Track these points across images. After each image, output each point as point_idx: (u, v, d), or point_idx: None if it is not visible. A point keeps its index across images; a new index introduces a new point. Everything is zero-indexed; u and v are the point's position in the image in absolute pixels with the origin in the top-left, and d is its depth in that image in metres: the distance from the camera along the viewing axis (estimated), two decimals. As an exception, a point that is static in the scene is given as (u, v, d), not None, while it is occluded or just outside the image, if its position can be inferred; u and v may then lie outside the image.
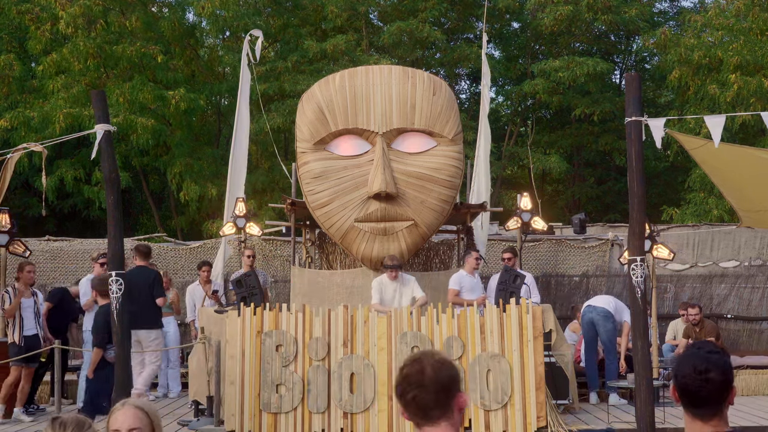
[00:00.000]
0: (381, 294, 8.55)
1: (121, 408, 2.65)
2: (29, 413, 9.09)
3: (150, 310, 9.18)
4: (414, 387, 2.26)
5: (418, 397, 2.26)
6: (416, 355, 2.34)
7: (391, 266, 8.49)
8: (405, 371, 2.30)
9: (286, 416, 7.58)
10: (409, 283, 8.65)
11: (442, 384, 2.27)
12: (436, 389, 2.26)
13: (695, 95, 17.83)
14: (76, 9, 16.74)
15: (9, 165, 8.23)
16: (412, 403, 2.28)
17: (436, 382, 2.26)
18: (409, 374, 2.28)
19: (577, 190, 23.21)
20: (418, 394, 2.26)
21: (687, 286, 12.96)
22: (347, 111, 9.03)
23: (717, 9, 18.52)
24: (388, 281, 8.60)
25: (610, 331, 9.59)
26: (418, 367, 2.28)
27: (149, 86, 17.06)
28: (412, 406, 2.29)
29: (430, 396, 2.26)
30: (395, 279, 8.58)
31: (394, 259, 8.60)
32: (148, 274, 9.31)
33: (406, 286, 8.61)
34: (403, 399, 2.29)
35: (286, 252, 12.91)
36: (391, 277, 8.55)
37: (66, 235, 15.70)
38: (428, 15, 20.01)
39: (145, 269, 9.41)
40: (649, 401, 6.85)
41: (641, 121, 7.00)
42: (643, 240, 7.25)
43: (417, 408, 2.28)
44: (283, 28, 20.23)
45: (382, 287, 8.60)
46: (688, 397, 2.35)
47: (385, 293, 8.57)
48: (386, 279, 8.60)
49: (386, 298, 8.55)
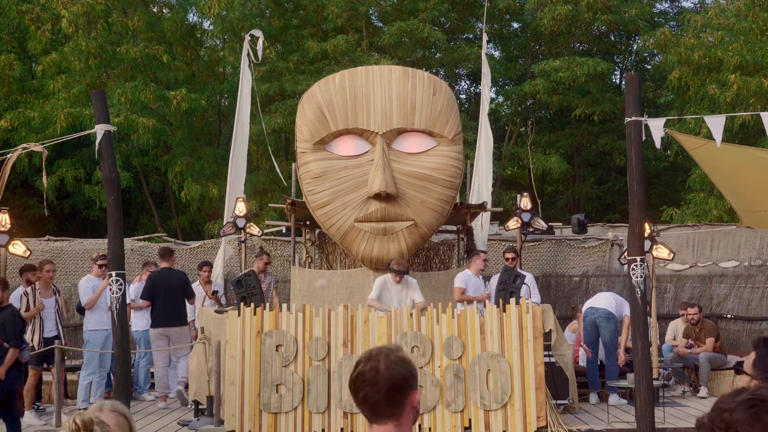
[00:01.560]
0: (381, 293, 8.51)
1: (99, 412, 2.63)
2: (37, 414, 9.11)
3: (181, 308, 9.86)
4: (366, 385, 2.24)
5: (369, 395, 2.24)
6: (372, 352, 2.30)
7: (397, 271, 8.43)
8: (359, 368, 2.27)
9: (286, 416, 7.59)
10: (411, 287, 8.62)
11: (394, 383, 2.24)
12: (388, 388, 2.23)
13: (695, 95, 17.83)
14: (78, 8, 16.75)
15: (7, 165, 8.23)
16: (363, 402, 2.26)
17: (388, 381, 2.23)
18: (363, 372, 2.26)
19: (577, 190, 23.20)
20: (369, 392, 2.24)
21: (687, 286, 12.96)
22: (347, 111, 9.03)
23: (717, 9, 18.51)
24: (391, 283, 8.55)
25: (612, 332, 9.59)
26: (373, 364, 2.25)
27: (151, 86, 17.07)
28: (363, 404, 2.27)
29: (381, 395, 2.23)
30: (399, 282, 8.55)
31: (402, 264, 8.52)
32: (179, 276, 9.95)
33: (408, 290, 8.58)
34: (356, 396, 2.28)
35: (286, 252, 12.91)
36: (395, 280, 8.51)
37: (66, 235, 15.70)
38: (428, 15, 20.01)
39: (173, 270, 10.03)
40: (649, 401, 6.86)
41: (641, 121, 7.01)
42: (643, 240, 7.26)
43: (368, 406, 2.26)
44: (284, 29, 20.24)
45: (384, 287, 8.54)
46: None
47: (387, 294, 8.54)
48: (390, 280, 8.55)
49: (386, 300, 8.52)
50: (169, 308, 9.69)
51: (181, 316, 9.86)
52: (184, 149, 17.95)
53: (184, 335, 9.87)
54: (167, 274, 9.91)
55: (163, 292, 9.73)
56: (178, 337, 9.78)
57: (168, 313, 9.68)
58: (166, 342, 9.76)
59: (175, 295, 9.77)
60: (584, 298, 11.67)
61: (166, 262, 10.04)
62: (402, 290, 8.54)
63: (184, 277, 10.05)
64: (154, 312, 9.81)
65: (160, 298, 9.73)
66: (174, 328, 9.74)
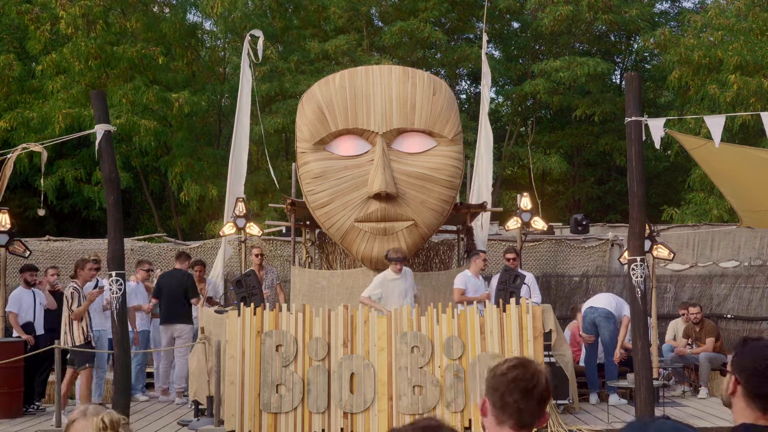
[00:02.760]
0: (381, 289, 8.43)
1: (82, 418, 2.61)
2: (29, 413, 9.10)
3: (181, 307, 10.10)
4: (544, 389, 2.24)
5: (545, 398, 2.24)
6: (524, 360, 2.29)
7: (395, 259, 8.34)
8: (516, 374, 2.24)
9: (286, 416, 7.59)
10: (410, 277, 8.56)
11: (545, 397, 2.26)
12: (540, 400, 2.24)
13: (695, 95, 17.83)
14: (76, 9, 16.74)
15: (8, 165, 8.23)
16: (540, 406, 2.24)
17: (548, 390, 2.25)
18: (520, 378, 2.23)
19: (577, 190, 23.20)
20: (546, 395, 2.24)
21: (687, 286, 12.96)
22: (347, 111, 9.03)
23: (717, 9, 18.52)
24: (392, 277, 8.41)
25: (611, 331, 9.59)
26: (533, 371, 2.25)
27: (153, 88, 17.08)
28: (539, 408, 2.24)
29: (534, 404, 2.23)
30: (400, 272, 8.42)
31: (399, 251, 8.44)
32: (181, 277, 10.19)
33: (407, 282, 8.49)
34: (503, 400, 2.23)
35: (286, 252, 12.91)
36: (396, 270, 8.39)
37: (66, 235, 15.70)
38: (429, 15, 20.01)
39: (179, 271, 10.31)
40: (649, 401, 6.86)
41: (641, 121, 7.01)
42: (643, 240, 7.27)
43: (517, 413, 2.23)
44: (285, 29, 20.24)
45: (383, 283, 8.44)
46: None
47: (388, 291, 8.42)
48: (390, 274, 8.43)
49: (390, 296, 8.42)
50: (170, 306, 10.08)
51: (182, 314, 10.09)
52: (184, 150, 17.96)
53: (186, 333, 10.05)
54: (173, 274, 10.31)
55: (166, 291, 10.16)
56: (179, 334, 10.03)
57: (169, 310, 10.07)
58: (168, 337, 10.09)
59: (174, 294, 10.08)
60: (584, 298, 11.67)
61: (178, 263, 10.42)
62: (402, 282, 8.43)
63: (186, 278, 10.24)
64: (160, 309, 10.28)
65: (164, 297, 10.17)
66: (175, 326, 10.01)
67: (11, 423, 8.64)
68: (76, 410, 2.67)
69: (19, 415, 9.00)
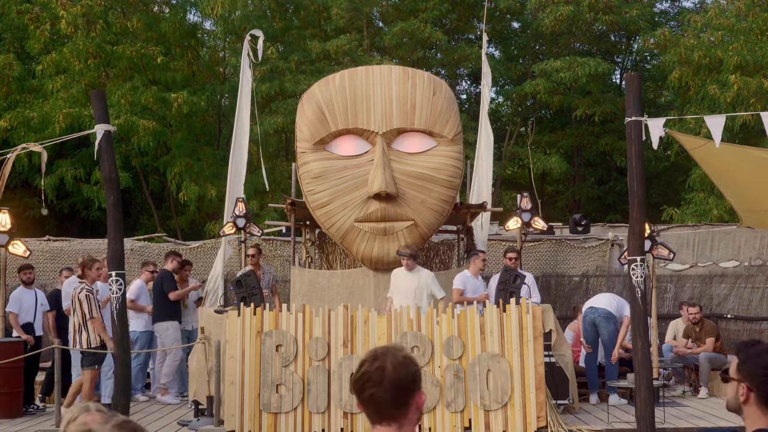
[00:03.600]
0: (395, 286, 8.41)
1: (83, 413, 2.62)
2: (29, 413, 9.09)
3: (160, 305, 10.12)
4: (372, 385, 2.21)
5: (375, 395, 2.21)
6: (377, 352, 2.27)
7: (401, 254, 8.35)
8: (364, 368, 2.24)
9: (286, 416, 7.58)
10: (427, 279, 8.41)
11: (400, 383, 2.22)
12: (394, 388, 2.21)
13: (695, 95, 17.83)
14: (77, 8, 16.74)
15: (7, 165, 8.23)
16: (368, 402, 2.23)
17: (395, 381, 2.21)
18: (368, 371, 2.23)
19: (577, 190, 23.21)
20: (375, 392, 2.21)
21: (687, 286, 12.96)
22: (347, 111, 9.03)
23: (717, 9, 18.52)
24: (403, 273, 8.40)
25: (611, 331, 9.58)
26: (379, 364, 2.22)
27: (152, 89, 17.07)
28: (368, 405, 2.24)
29: (387, 395, 2.21)
30: (410, 269, 8.38)
31: (408, 248, 8.42)
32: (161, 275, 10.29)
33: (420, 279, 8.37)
34: (360, 396, 2.24)
35: (286, 252, 12.91)
36: (406, 266, 8.36)
37: (66, 235, 15.70)
38: (429, 15, 20.01)
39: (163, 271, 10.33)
40: (649, 401, 6.85)
41: (641, 121, 7.01)
42: (643, 240, 7.26)
43: (374, 406, 2.23)
44: (285, 29, 20.24)
45: (395, 279, 8.43)
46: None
47: (396, 287, 8.41)
48: (401, 270, 8.41)
49: (396, 292, 8.38)
50: (154, 306, 10.25)
51: (162, 313, 10.11)
52: (184, 150, 17.96)
53: (166, 331, 10.08)
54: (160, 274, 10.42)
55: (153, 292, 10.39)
56: (161, 331, 10.13)
57: (154, 310, 10.24)
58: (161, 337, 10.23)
59: (156, 294, 10.24)
60: (584, 298, 11.66)
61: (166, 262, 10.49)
62: (412, 280, 8.35)
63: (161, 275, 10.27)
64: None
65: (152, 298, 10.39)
66: (155, 324, 10.18)
67: (11, 423, 8.65)
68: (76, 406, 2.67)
69: (19, 415, 9.00)
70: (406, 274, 8.41)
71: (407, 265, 8.37)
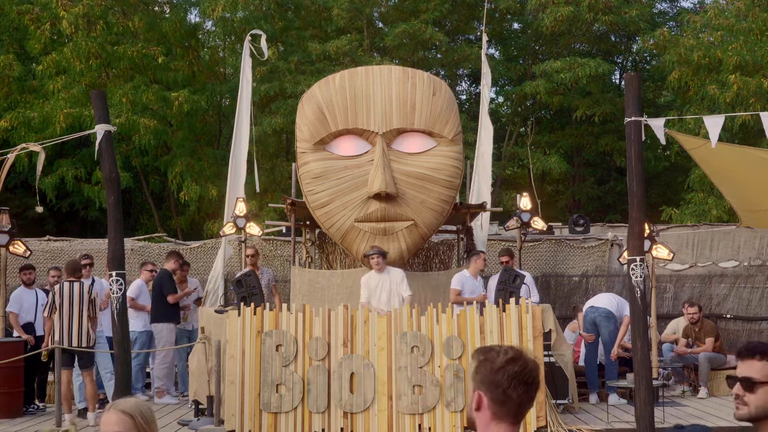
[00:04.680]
0: (367, 291, 8.49)
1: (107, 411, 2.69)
2: (29, 413, 9.10)
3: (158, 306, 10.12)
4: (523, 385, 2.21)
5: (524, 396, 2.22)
6: (517, 351, 2.25)
7: (373, 253, 8.44)
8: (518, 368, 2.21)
9: (286, 416, 7.59)
10: (396, 278, 8.53)
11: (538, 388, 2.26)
12: (535, 392, 2.25)
13: (695, 95, 17.83)
14: (78, 9, 16.75)
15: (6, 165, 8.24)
16: (528, 399, 2.22)
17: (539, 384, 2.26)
18: (522, 372, 2.21)
19: (577, 190, 23.20)
20: (525, 392, 2.21)
21: (686, 286, 12.96)
22: (347, 111, 9.04)
23: (717, 9, 18.52)
24: (373, 276, 8.52)
25: (611, 331, 9.60)
26: (533, 365, 2.23)
27: (153, 88, 17.07)
28: (528, 402, 2.23)
29: (532, 397, 2.23)
30: (379, 270, 8.47)
31: (374, 247, 8.57)
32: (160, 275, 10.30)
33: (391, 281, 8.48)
34: (505, 395, 2.20)
35: (286, 252, 12.91)
36: (377, 267, 8.45)
37: (66, 235, 15.70)
38: (429, 16, 20.01)
39: (162, 271, 10.38)
40: (649, 401, 6.86)
41: (641, 121, 7.01)
42: (642, 240, 7.27)
43: (517, 406, 2.22)
44: (285, 30, 20.24)
45: (367, 285, 8.53)
46: None
47: (375, 292, 8.50)
48: (372, 275, 8.53)
49: (376, 294, 8.47)
50: (152, 306, 10.27)
51: (160, 314, 10.13)
52: (184, 150, 17.96)
53: (160, 332, 10.10)
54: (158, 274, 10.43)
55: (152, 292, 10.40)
56: (157, 332, 10.16)
57: (152, 310, 10.25)
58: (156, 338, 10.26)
59: (155, 294, 10.26)
60: (584, 298, 11.67)
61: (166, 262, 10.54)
62: (386, 280, 8.45)
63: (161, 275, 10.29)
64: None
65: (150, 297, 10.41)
66: (154, 324, 10.17)
67: (11, 423, 8.65)
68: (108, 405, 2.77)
69: (19, 415, 9.01)
70: (378, 276, 8.48)
71: (378, 264, 8.42)
